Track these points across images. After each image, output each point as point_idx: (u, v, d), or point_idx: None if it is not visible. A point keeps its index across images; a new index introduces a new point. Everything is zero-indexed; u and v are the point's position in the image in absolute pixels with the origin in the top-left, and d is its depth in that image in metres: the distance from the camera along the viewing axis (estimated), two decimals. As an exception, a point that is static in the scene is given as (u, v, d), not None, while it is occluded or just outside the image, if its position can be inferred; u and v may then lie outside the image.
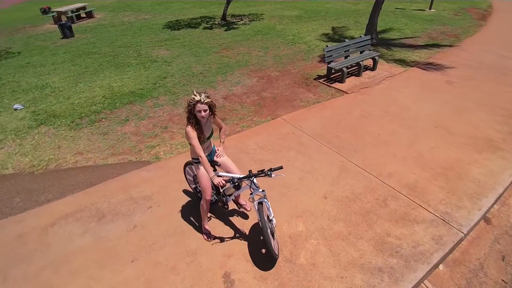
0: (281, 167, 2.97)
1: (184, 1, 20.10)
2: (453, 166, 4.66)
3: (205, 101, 2.88)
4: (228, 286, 3.04)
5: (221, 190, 3.33)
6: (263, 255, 3.31)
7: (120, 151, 5.17)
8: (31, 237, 3.62)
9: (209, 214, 3.84)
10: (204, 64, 8.93)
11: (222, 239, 3.53)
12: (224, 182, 2.95)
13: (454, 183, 4.33)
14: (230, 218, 3.82)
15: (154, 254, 3.38)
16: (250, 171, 3.04)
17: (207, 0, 19.68)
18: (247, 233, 3.59)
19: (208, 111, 2.95)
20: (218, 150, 3.45)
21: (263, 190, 3.15)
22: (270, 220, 3.21)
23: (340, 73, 7.47)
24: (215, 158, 3.42)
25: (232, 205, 3.92)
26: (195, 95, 2.88)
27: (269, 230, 3.02)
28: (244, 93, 7.11)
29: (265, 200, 3.13)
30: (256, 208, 3.07)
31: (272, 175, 2.92)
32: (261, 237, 3.44)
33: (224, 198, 3.53)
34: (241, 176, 3.05)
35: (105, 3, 20.07)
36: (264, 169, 2.97)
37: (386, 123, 5.75)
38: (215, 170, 3.49)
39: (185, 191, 4.22)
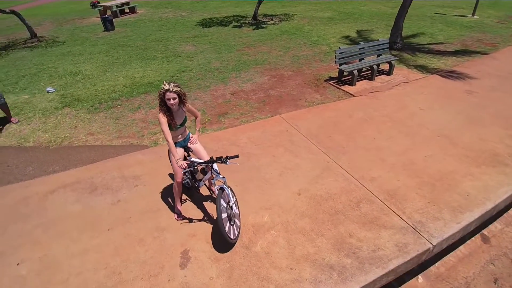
0: (237, 156, 3.16)
1: None
2: (443, 177, 4.47)
3: (174, 90, 3.16)
4: (184, 262, 3.30)
5: (185, 171, 3.59)
6: (223, 238, 3.51)
7: (125, 135, 5.66)
8: (32, 200, 4.17)
9: (185, 197, 4.14)
10: (223, 61, 9.28)
11: (190, 220, 3.79)
12: (185, 165, 3.20)
13: (439, 194, 4.17)
14: (204, 202, 4.07)
15: (128, 226, 3.74)
16: (211, 157, 3.27)
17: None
18: (215, 218, 3.82)
19: (177, 99, 3.22)
20: (192, 137, 3.72)
21: (223, 177, 3.36)
22: (231, 206, 3.40)
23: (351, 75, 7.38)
24: (188, 144, 3.68)
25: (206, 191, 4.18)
26: (165, 85, 3.16)
27: (224, 215, 3.22)
28: (252, 90, 7.32)
29: (225, 186, 3.34)
30: (216, 192, 3.28)
31: (228, 162, 3.12)
32: None
33: (196, 184, 3.79)
34: (201, 161, 3.29)
35: (148, 0, 21.35)
36: (221, 156, 3.17)
37: (386, 129, 5.62)
38: (189, 155, 3.77)
39: (171, 175, 4.55)
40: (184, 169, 3.21)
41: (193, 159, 3.61)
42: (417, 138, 5.36)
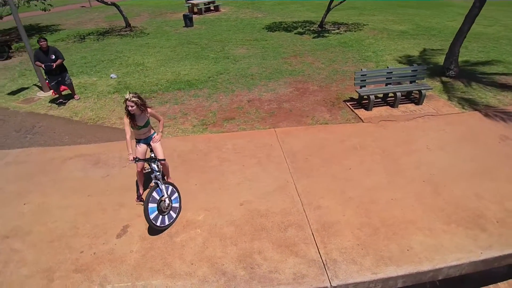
0: (163, 160, 3.87)
1: (302, 2, 20.93)
2: (395, 224, 4.27)
3: (131, 99, 3.97)
4: (121, 233, 4.17)
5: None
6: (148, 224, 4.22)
7: (143, 123, 6.83)
8: (56, 162, 5.62)
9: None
10: (261, 67, 9.83)
11: (144, 204, 4.64)
12: (131, 158, 4.04)
13: (376, 239, 4.06)
14: (162, 192, 4.86)
15: (102, 196, 4.80)
16: (150, 156, 4.02)
17: (323, 4, 19.92)
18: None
19: (135, 107, 4.03)
20: (154, 137, 4.52)
21: (159, 174, 4.08)
22: (164, 200, 4.10)
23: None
24: (151, 143, 4.50)
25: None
26: (126, 94, 4.00)
27: (152, 205, 3.93)
28: (269, 100, 7.73)
29: (160, 182, 4.05)
30: (151, 185, 4.04)
31: (156, 162, 3.87)
32: None
33: (152, 175, 4.61)
34: (142, 158, 4.07)
35: (236, -1, 22.94)
36: (155, 158, 3.92)
37: (370, 161, 5.45)
38: (151, 151, 4.60)
39: (153, 164, 5.47)
40: (130, 161, 4.06)
41: (153, 155, 4.42)
42: (398, 177, 5.09)
